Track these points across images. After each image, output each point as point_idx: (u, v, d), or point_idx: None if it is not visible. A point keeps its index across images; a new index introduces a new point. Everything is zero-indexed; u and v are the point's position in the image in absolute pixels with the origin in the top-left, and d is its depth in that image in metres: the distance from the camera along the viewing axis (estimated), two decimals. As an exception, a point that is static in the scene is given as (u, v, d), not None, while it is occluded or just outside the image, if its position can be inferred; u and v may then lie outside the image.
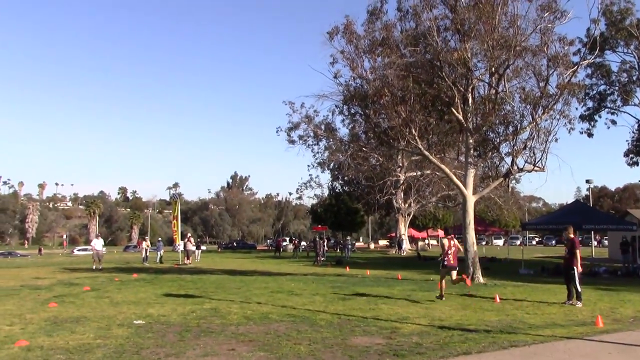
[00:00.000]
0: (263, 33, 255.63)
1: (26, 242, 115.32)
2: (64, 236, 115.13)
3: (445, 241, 15.79)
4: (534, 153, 21.48)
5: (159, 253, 40.75)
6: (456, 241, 16.08)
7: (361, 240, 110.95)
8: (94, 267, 30.04)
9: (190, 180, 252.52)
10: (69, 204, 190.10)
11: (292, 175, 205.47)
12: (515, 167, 21.83)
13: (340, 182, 67.32)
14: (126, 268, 32.06)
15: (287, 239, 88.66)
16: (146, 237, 52.49)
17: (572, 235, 14.98)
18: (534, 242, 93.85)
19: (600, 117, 42.52)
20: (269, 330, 10.27)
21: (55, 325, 10.87)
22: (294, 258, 47.76)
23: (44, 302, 14.64)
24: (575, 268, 14.34)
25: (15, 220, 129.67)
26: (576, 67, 21.46)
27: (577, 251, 14.53)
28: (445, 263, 15.44)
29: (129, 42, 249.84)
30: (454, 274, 15.74)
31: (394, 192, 55.35)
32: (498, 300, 15.01)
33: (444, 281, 15.47)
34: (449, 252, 15.40)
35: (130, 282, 21.39)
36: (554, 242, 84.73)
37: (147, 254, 38.91)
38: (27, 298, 15.85)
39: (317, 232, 57.88)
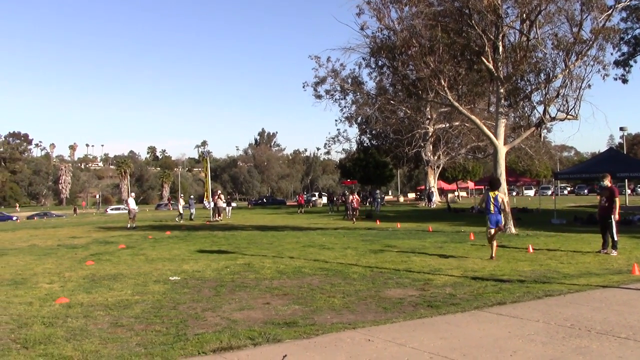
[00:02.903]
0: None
1: (77, 206, 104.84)
2: (97, 196, 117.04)
3: (351, 197, 33.72)
4: (566, 101, 21.05)
5: (192, 210, 41.46)
6: (356, 196, 33.40)
7: (390, 193, 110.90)
8: (128, 225, 30.56)
9: (218, 138, 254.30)
10: (100, 164, 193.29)
11: (319, 131, 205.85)
12: (548, 116, 21.42)
13: (368, 136, 66.76)
14: (159, 226, 32.58)
15: (316, 194, 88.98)
16: (181, 195, 53.36)
17: (609, 184, 14.74)
18: (565, 192, 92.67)
19: (635, 62, 40.99)
20: (303, 284, 10.34)
21: (94, 282, 11.10)
22: (331, 212, 46.93)
23: (82, 260, 14.96)
24: (612, 217, 14.13)
25: (48, 181, 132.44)
26: (611, 10, 20.66)
27: (617, 199, 14.34)
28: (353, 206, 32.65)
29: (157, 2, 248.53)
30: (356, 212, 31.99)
31: (422, 144, 54.92)
32: (531, 250, 14.90)
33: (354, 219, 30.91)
34: (353, 202, 32.34)
35: (164, 240, 21.74)
36: (586, 191, 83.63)
37: (183, 211, 39.56)
38: (65, 257, 16.21)
39: (347, 186, 57.74)
